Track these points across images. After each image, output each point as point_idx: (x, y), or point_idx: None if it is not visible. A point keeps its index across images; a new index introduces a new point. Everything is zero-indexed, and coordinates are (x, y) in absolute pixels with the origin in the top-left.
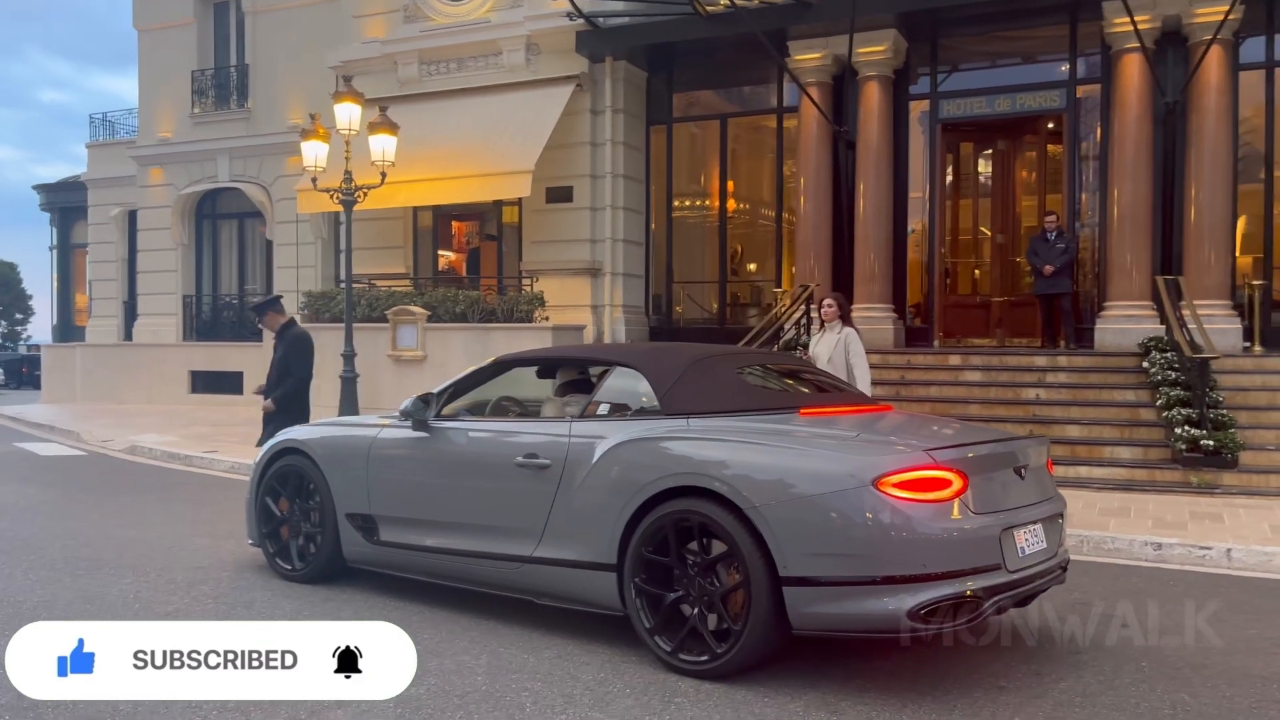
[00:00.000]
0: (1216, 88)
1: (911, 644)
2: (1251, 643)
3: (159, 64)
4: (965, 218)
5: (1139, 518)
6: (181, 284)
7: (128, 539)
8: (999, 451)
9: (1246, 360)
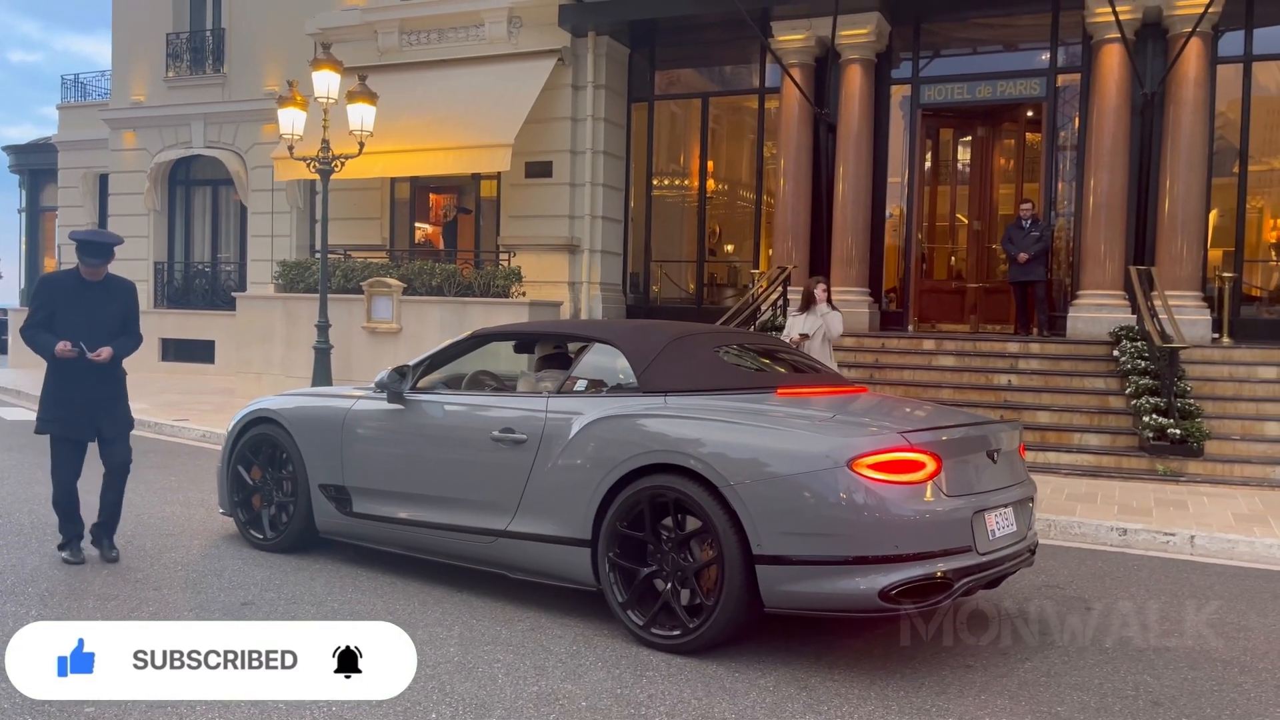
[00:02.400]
0: (1195, 80)
1: (882, 623)
2: (1213, 627)
3: (133, 25)
4: (943, 204)
5: (1106, 504)
6: (153, 250)
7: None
8: (972, 435)
9: (1215, 351)
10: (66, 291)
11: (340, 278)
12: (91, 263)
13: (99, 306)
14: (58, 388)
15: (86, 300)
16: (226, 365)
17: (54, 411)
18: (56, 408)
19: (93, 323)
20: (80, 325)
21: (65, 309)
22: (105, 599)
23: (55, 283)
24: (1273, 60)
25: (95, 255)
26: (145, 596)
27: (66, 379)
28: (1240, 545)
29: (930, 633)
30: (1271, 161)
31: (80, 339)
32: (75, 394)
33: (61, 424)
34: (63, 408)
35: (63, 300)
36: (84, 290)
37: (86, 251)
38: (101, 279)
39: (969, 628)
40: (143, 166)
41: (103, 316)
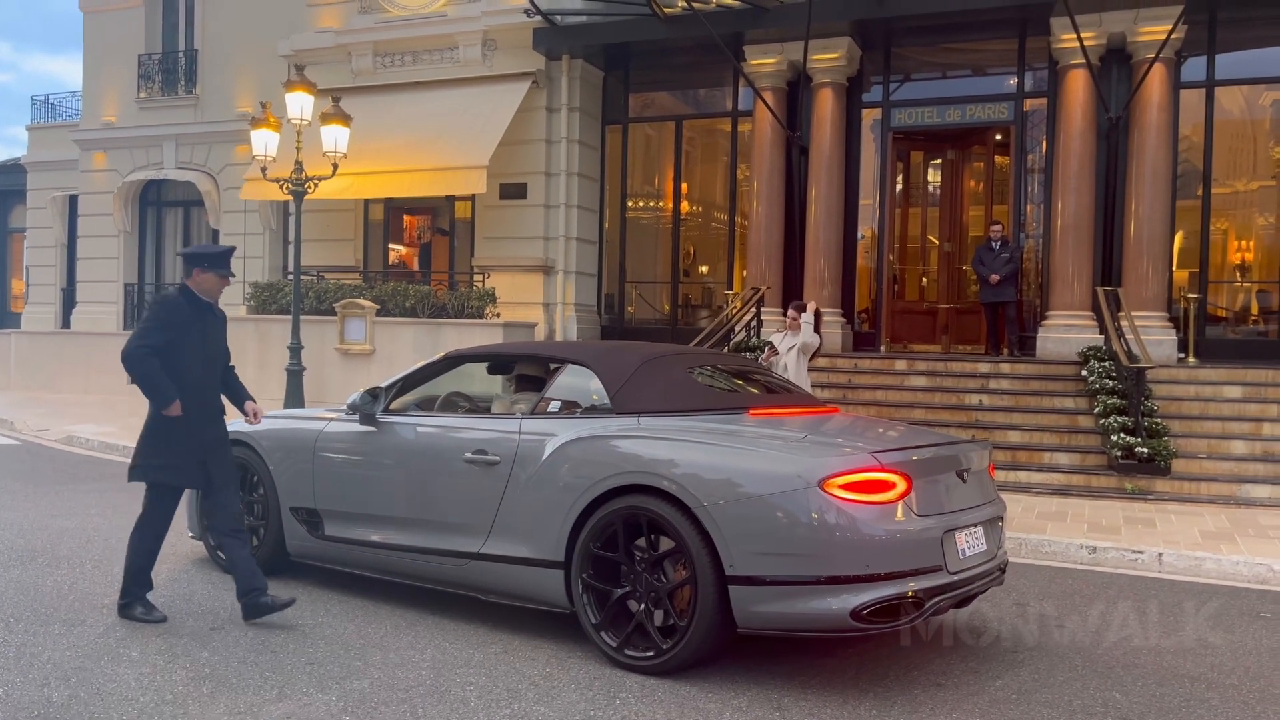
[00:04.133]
0: (1158, 105)
1: (854, 643)
2: (1180, 644)
3: (105, 46)
4: (914, 225)
5: (1075, 522)
6: (123, 272)
7: (63, 530)
8: (942, 455)
9: (1181, 371)
10: (187, 317)
11: (313, 299)
12: (226, 274)
13: (214, 334)
14: (169, 428)
15: (202, 327)
16: None
17: (163, 456)
18: (166, 452)
19: (208, 354)
20: (198, 357)
21: (184, 338)
22: (71, 624)
23: (178, 306)
24: (1234, 85)
25: (228, 268)
26: (112, 622)
27: (190, 422)
28: (1207, 563)
29: (902, 652)
30: (1235, 184)
31: (199, 373)
32: (186, 436)
33: (173, 471)
34: (174, 452)
35: (182, 327)
36: (200, 315)
37: (220, 264)
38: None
39: (940, 646)
40: (113, 187)
41: (216, 347)
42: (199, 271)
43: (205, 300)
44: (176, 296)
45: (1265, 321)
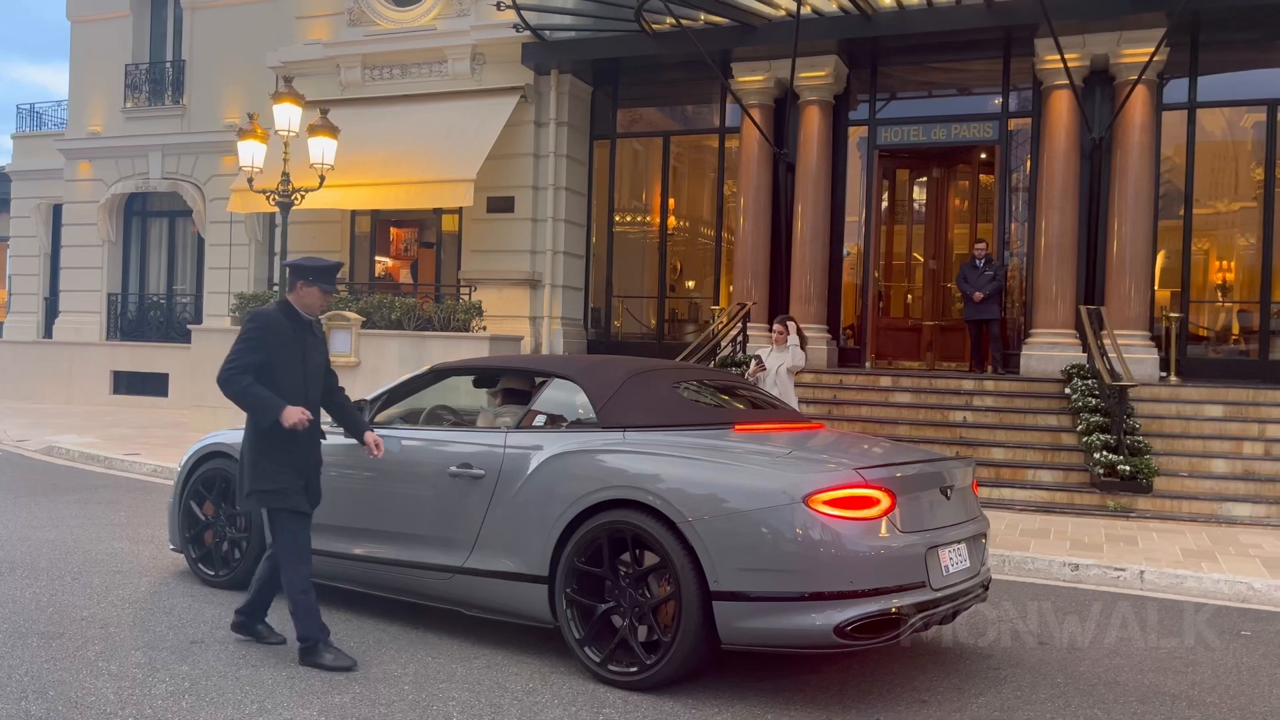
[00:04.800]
0: (1141, 126)
1: (838, 659)
2: (1161, 662)
3: (92, 56)
4: (899, 243)
5: (1058, 539)
6: (106, 281)
7: (42, 541)
8: (926, 471)
9: (1163, 390)
10: (284, 334)
11: None
12: (331, 290)
13: (313, 351)
14: (274, 449)
15: (301, 344)
16: (180, 399)
17: (274, 480)
18: (277, 475)
19: (308, 372)
20: (297, 376)
21: (281, 356)
22: (50, 638)
23: (275, 322)
24: (1216, 107)
25: (334, 284)
26: (91, 635)
27: (296, 441)
28: (1188, 580)
29: (886, 668)
30: (1216, 205)
31: (297, 393)
32: (300, 459)
33: (287, 495)
34: (284, 475)
35: (280, 345)
36: (299, 332)
37: (326, 280)
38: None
39: (923, 663)
40: (98, 197)
41: (316, 364)
42: (303, 285)
43: (306, 317)
44: (274, 312)
45: (1246, 341)
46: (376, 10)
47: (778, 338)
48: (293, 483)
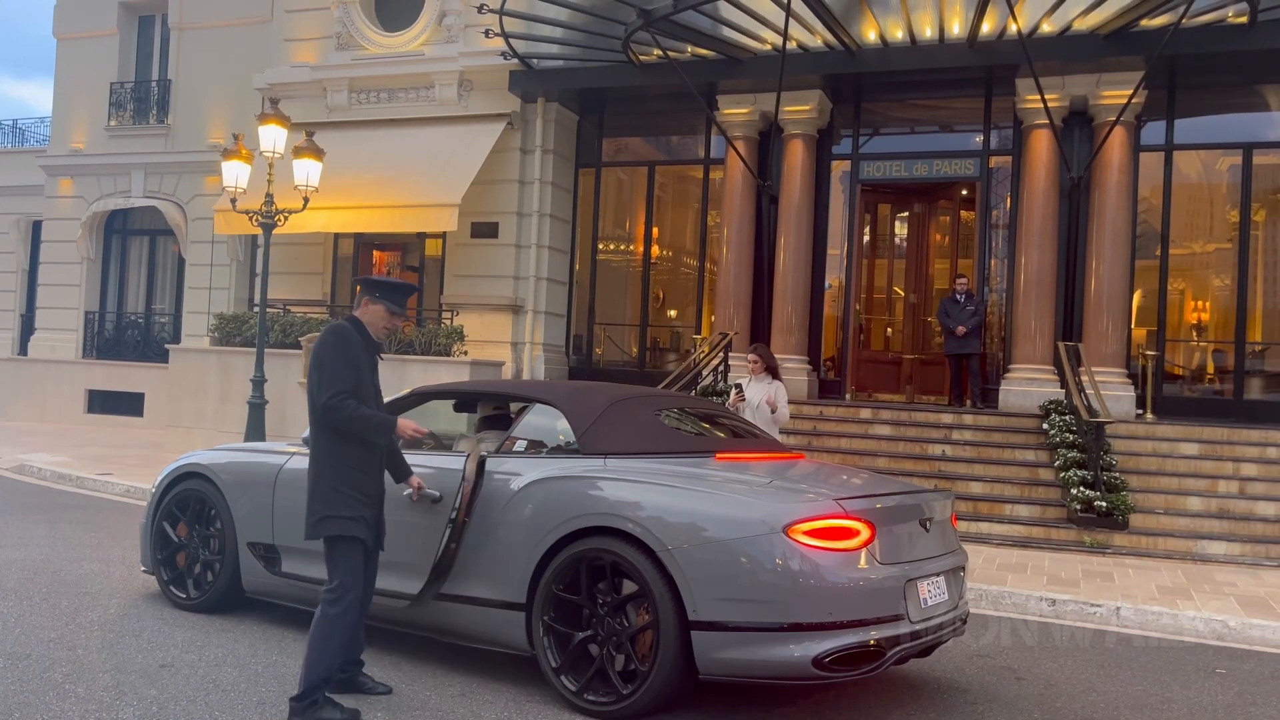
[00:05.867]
0: (1119, 166)
1: (815, 691)
2: (1137, 698)
3: (77, 73)
4: (880, 276)
5: (1035, 574)
6: (85, 299)
7: (10, 561)
8: (906, 504)
9: (1139, 427)
10: (359, 351)
11: (279, 332)
12: (399, 312)
13: (377, 371)
14: (351, 476)
15: (372, 364)
16: (156, 418)
17: (356, 508)
18: (356, 505)
19: (378, 393)
20: (373, 397)
21: (361, 376)
22: (16, 658)
23: (353, 340)
24: (1193, 150)
25: (403, 304)
26: (58, 657)
27: (371, 468)
28: (1164, 618)
29: (862, 701)
30: (1192, 246)
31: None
32: (375, 488)
33: (367, 525)
34: (359, 503)
35: (359, 362)
36: (369, 350)
37: (396, 298)
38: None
39: (900, 697)
40: (79, 214)
41: (378, 389)
42: (369, 302)
43: (375, 337)
44: (349, 327)
45: (1221, 381)
46: (365, 35)
47: (753, 367)
48: (365, 513)
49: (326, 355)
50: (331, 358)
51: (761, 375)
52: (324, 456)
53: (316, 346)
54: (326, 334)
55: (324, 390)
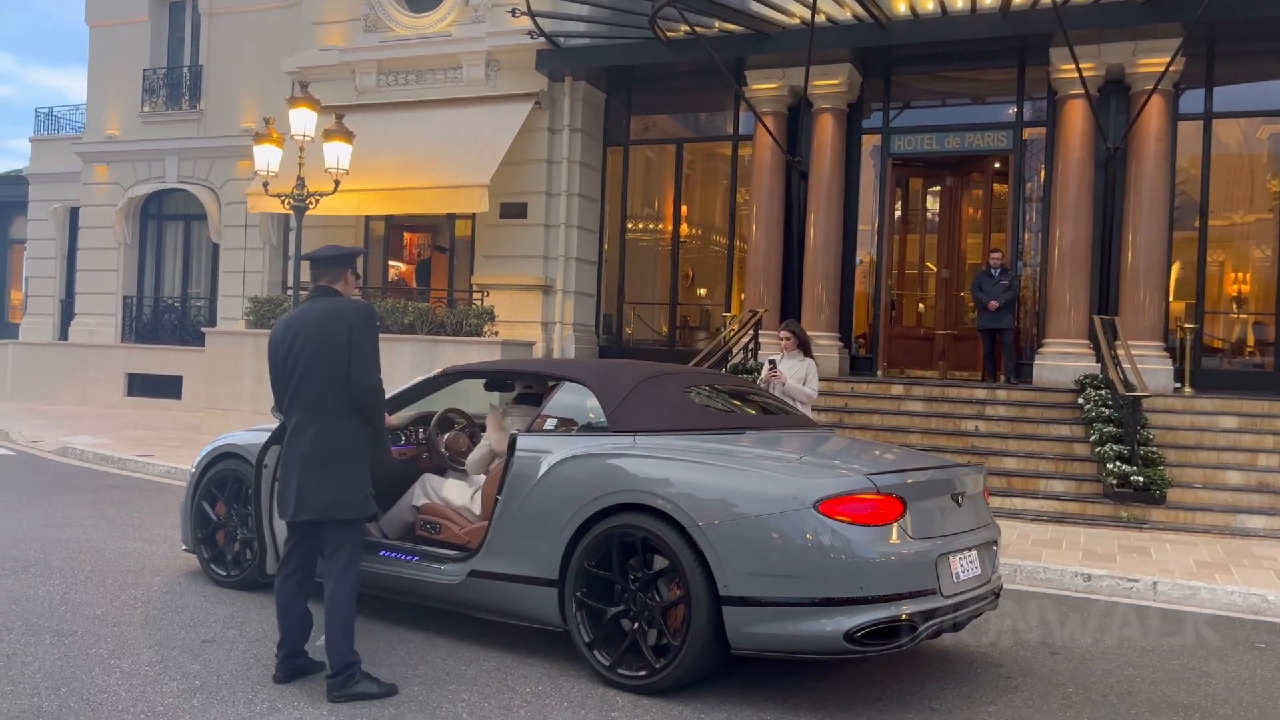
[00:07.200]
0: (1156, 136)
1: (847, 665)
2: (1173, 673)
3: (110, 61)
4: (912, 251)
5: (1070, 549)
6: (122, 284)
7: (56, 540)
8: (938, 478)
9: (1177, 401)
10: None
11: None
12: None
13: None
14: (367, 456)
15: None
16: (194, 401)
17: (371, 486)
18: (371, 482)
19: None
20: None
21: None
22: (63, 635)
23: None
24: (1231, 118)
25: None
26: (104, 633)
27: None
28: (1202, 592)
29: (895, 675)
30: (1231, 217)
31: None
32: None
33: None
34: (372, 481)
35: None
36: None
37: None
38: None
39: (934, 671)
40: (115, 200)
41: None
42: (352, 274)
43: None
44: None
45: (1261, 353)
46: (392, 16)
47: (785, 344)
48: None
49: (368, 336)
50: (372, 339)
51: (793, 352)
52: (353, 433)
53: (353, 324)
54: (360, 313)
55: (373, 373)
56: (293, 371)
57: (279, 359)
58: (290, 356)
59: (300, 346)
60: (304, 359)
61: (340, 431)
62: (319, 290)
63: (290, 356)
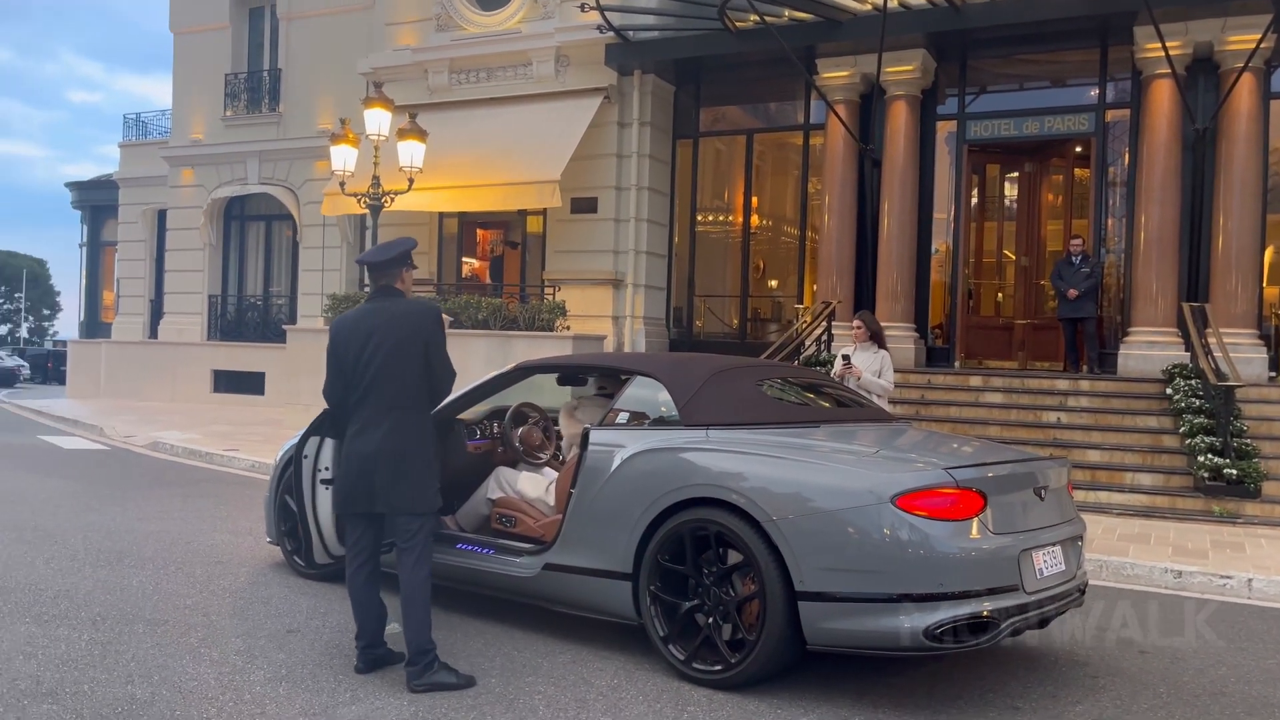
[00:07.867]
0: (1247, 115)
1: (927, 662)
2: (1270, 672)
3: (193, 66)
4: (989, 240)
5: (1159, 545)
6: (207, 284)
7: (148, 533)
8: (1019, 472)
9: (1272, 390)
10: None
11: None
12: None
13: None
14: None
15: None
16: (276, 396)
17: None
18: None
19: None
20: None
21: None
22: (155, 624)
23: None
24: None
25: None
26: (194, 622)
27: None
28: None
29: (977, 673)
30: None
31: None
32: None
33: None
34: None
35: None
36: None
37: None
38: None
39: (1017, 669)
40: (200, 202)
41: None
42: (407, 271)
43: None
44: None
45: None
46: (463, 15)
47: (858, 335)
48: None
49: (442, 337)
50: (445, 337)
51: (866, 343)
52: (424, 430)
53: (426, 325)
54: (431, 315)
55: (450, 367)
56: (366, 369)
57: (350, 357)
58: (365, 354)
59: (375, 346)
60: (379, 358)
61: (414, 428)
62: (381, 290)
63: (365, 354)
